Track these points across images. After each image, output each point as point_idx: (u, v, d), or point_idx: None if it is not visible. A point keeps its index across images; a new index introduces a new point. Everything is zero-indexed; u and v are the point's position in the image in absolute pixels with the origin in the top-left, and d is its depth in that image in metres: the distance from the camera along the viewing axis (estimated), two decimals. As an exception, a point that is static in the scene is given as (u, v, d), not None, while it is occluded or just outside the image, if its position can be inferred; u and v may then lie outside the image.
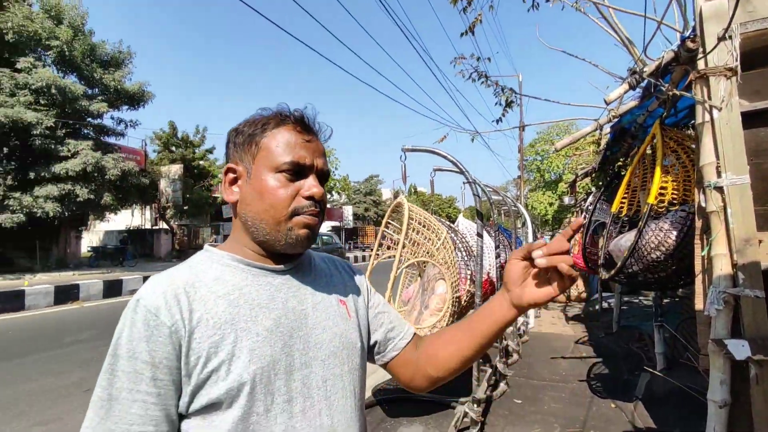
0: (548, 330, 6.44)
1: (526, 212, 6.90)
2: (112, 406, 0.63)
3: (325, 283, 0.85)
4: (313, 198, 0.76)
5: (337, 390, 0.77)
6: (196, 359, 0.66)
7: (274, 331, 0.71)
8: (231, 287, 0.72)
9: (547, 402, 3.66)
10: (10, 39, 15.18)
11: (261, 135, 0.77)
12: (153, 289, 0.68)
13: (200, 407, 0.67)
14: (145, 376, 0.64)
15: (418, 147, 3.27)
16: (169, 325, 0.66)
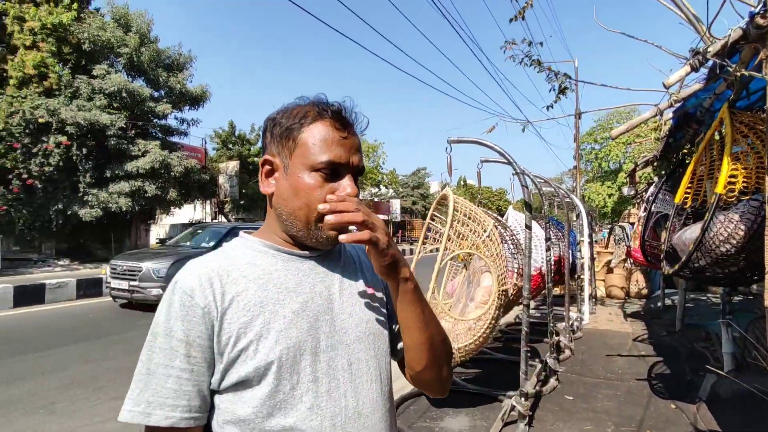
0: (604, 327, 6.17)
1: (580, 204, 6.62)
2: (150, 380, 0.68)
3: (354, 270, 0.86)
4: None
5: (362, 374, 0.78)
6: (227, 339, 0.70)
7: (300, 314, 0.74)
8: (261, 272, 0.76)
9: (600, 400, 3.54)
10: (86, 48, 16.57)
11: (299, 129, 0.77)
12: (189, 273, 0.73)
13: (231, 384, 0.70)
14: (180, 353, 0.68)
15: (463, 138, 3.25)
16: (203, 306, 0.70)
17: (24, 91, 15.31)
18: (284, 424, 0.70)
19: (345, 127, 0.78)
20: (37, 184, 15.14)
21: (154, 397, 0.67)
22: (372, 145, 35.68)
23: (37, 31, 15.64)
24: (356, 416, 0.75)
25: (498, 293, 2.90)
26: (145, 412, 0.67)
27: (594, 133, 25.56)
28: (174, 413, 0.67)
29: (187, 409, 0.69)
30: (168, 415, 0.67)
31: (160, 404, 0.67)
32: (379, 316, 0.84)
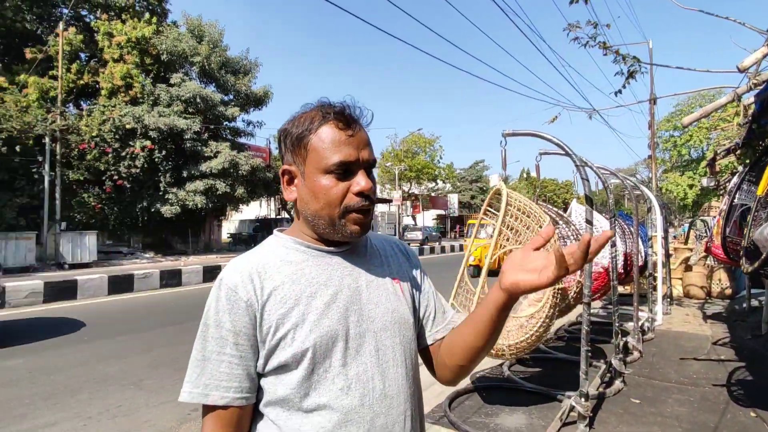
0: (680, 328, 5.74)
1: (652, 196, 6.18)
2: (206, 366, 0.77)
3: (380, 263, 0.92)
4: (362, 193, 0.81)
5: (389, 359, 0.84)
6: (267, 328, 0.78)
7: (331, 305, 0.81)
8: (295, 267, 0.83)
9: (670, 405, 3.33)
10: (164, 59, 18.00)
11: (308, 136, 0.81)
12: (233, 270, 0.81)
13: (273, 368, 0.79)
14: (229, 342, 0.77)
15: (519, 131, 3.18)
16: (245, 299, 0.78)
17: (113, 101, 16.97)
18: (318, 403, 0.77)
19: (349, 125, 0.82)
20: (126, 184, 16.77)
21: (210, 380, 0.76)
22: (428, 139, 35.43)
23: (123, 45, 17.22)
24: (383, 397, 0.81)
25: (553, 291, 2.82)
26: (204, 393, 0.76)
27: (672, 119, 23.52)
28: (228, 393, 0.76)
29: (239, 389, 0.77)
30: (223, 395, 0.76)
31: (215, 386, 0.76)
32: (403, 306, 0.89)
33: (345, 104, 0.84)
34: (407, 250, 1.02)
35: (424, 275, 1.01)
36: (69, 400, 3.69)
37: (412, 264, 1.00)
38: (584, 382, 2.91)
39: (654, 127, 15.97)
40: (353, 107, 0.85)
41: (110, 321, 6.81)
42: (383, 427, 0.80)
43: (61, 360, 4.75)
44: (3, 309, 7.57)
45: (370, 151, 0.84)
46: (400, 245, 1.02)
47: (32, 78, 15.95)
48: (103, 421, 3.32)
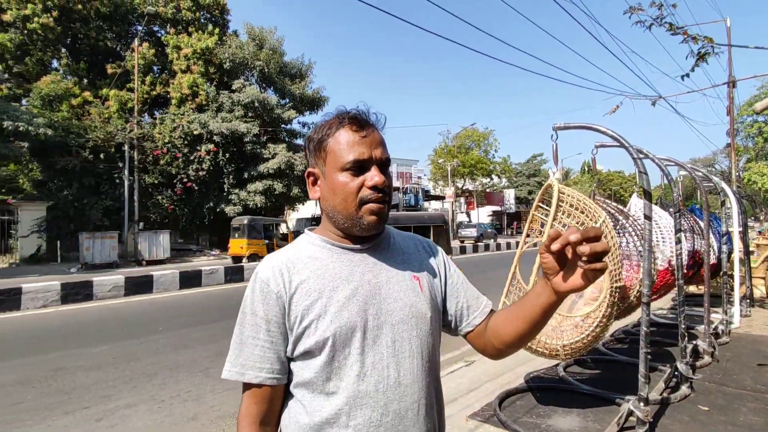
0: (760, 332, 5.24)
1: (727, 188, 5.67)
2: (243, 348, 0.88)
3: (401, 260, 0.98)
4: (376, 187, 0.87)
5: (405, 350, 0.90)
6: (294, 318, 0.87)
7: (351, 299, 0.88)
8: (320, 264, 0.91)
9: (744, 414, 3.07)
10: (227, 67, 19.05)
11: (326, 140, 0.91)
12: (266, 265, 0.91)
13: (300, 353, 0.88)
14: (263, 329, 0.87)
15: (570, 124, 3.07)
16: (276, 291, 0.87)
17: (182, 109, 18.24)
18: (338, 386, 0.85)
19: (363, 127, 0.90)
20: (194, 186, 17.98)
21: (246, 360, 0.87)
22: (482, 133, 34.61)
23: (190, 57, 18.46)
24: (396, 385, 0.87)
25: (610, 290, 2.70)
26: (240, 372, 0.87)
27: (755, 102, 21.27)
28: (261, 374, 0.87)
29: (271, 371, 0.87)
30: (257, 375, 0.86)
31: (251, 366, 0.87)
32: (422, 301, 0.95)
33: (359, 110, 0.93)
34: (431, 247, 1.08)
35: (449, 270, 1.06)
36: (146, 384, 4.07)
37: (436, 260, 1.05)
38: (643, 386, 2.77)
39: (733, 112, 14.57)
40: (366, 112, 0.93)
41: (181, 313, 7.38)
42: (396, 412, 0.87)
43: (139, 348, 5.23)
44: (92, 301, 8.46)
45: (383, 150, 0.91)
46: (424, 242, 1.08)
47: (113, 91, 17.55)
48: (175, 404, 3.63)
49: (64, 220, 15.87)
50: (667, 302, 6.96)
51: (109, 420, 3.36)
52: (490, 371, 4.10)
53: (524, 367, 4.11)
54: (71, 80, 18.15)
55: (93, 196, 16.35)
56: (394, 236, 1.03)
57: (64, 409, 3.55)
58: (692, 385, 3.52)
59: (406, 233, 1.09)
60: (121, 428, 3.24)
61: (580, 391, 3.49)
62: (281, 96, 20.54)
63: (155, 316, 7.13)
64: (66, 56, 18.77)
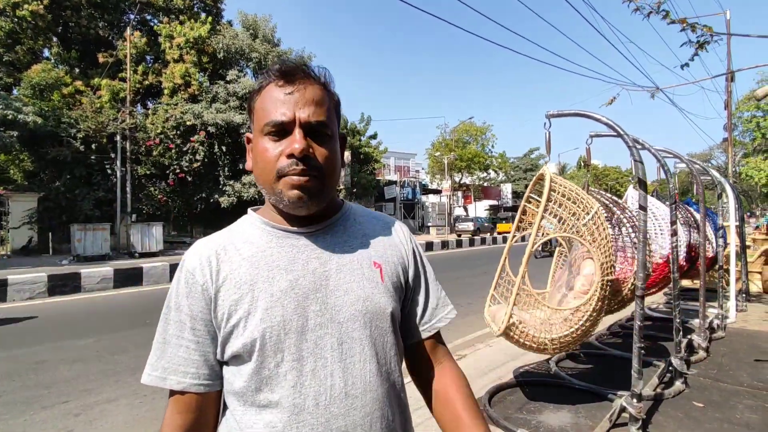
0: (756, 327, 5.19)
1: (725, 181, 5.59)
2: (166, 349, 0.74)
3: (360, 244, 0.82)
4: (293, 155, 0.72)
5: (355, 353, 0.75)
6: (221, 315, 0.73)
7: (288, 292, 0.73)
8: (256, 249, 0.77)
9: (740, 411, 3.00)
10: (221, 57, 18.81)
11: (253, 100, 0.78)
12: (193, 252, 0.78)
13: (229, 357, 0.74)
14: (187, 326, 0.74)
15: (564, 111, 2.97)
16: (201, 283, 0.74)
17: (175, 99, 18.01)
18: (271, 399, 0.71)
19: (290, 82, 0.74)
20: (188, 177, 17.80)
21: (168, 363, 0.74)
22: (480, 128, 34.45)
23: (183, 46, 18.20)
24: (343, 396, 0.73)
25: (601, 283, 2.60)
26: (161, 376, 0.73)
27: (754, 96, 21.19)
28: (185, 379, 0.73)
29: (196, 376, 0.74)
30: (180, 381, 0.73)
31: (173, 370, 0.73)
32: (380, 293, 0.79)
33: (285, 61, 0.78)
34: (401, 230, 0.92)
35: (419, 258, 0.90)
36: (129, 378, 3.96)
37: (405, 248, 0.89)
38: (637, 382, 2.69)
39: (731, 106, 14.50)
40: (298, 64, 0.77)
41: (170, 306, 7.26)
42: (341, 430, 0.72)
43: (125, 341, 5.12)
44: (80, 293, 8.34)
45: (316, 111, 0.74)
46: (392, 222, 0.92)
47: (104, 81, 17.29)
48: (157, 399, 3.53)
49: (55, 212, 15.68)
50: (662, 296, 6.90)
51: (87, 415, 3.26)
52: (480, 366, 4.02)
53: (516, 362, 4.04)
54: (62, 69, 17.87)
55: (85, 187, 16.15)
56: (355, 215, 0.88)
57: (42, 403, 3.45)
58: (687, 381, 3.45)
59: (372, 212, 0.93)
60: (99, 423, 3.14)
61: (573, 386, 3.42)
62: (277, 87, 20.35)
63: (144, 308, 7.02)
64: (57, 45, 18.46)
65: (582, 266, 2.88)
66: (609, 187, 45.80)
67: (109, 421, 3.17)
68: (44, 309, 7.04)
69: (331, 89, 0.80)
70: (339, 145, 0.81)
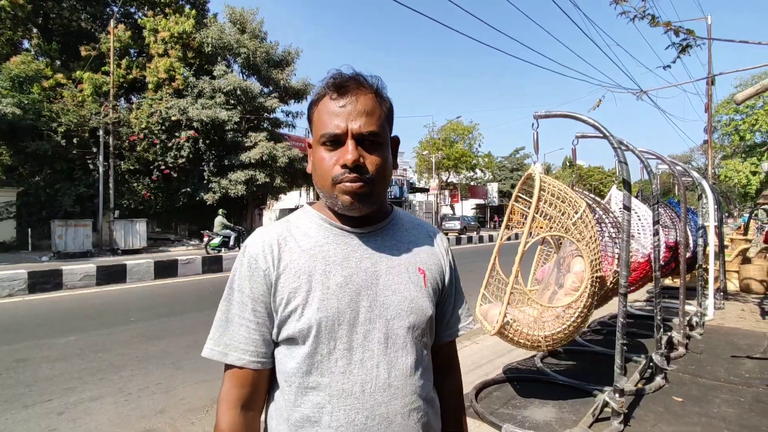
0: (733, 325, 5.35)
1: (704, 182, 5.75)
2: (228, 327, 0.81)
3: (407, 250, 0.89)
4: (346, 165, 0.78)
5: (398, 348, 0.82)
6: (280, 300, 0.80)
7: (343, 287, 0.80)
8: (313, 243, 0.83)
9: (717, 405, 3.10)
10: (208, 51, 18.54)
11: (312, 111, 0.85)
12: (256, 239, 0.84)
13: (283, 339, 0.81)
14: (248, 307, 0.81)
15: (551, 112, 3.02)
16: (264, 269, 0.80)
17: (159, 93, 17.70)
18: (320, 382, 0.78)
19: (343, 95, 0.80)
20: (173, 173, 17.53)
21: (230, 340, 0.80)
22: (467, 127, 34.67)
23: (167, 40, 17.89)
24: (386, 386, 0.79)
25: (591, 280, 2.66)
26: (223, 352, 0.80)
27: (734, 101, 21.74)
28: (245, 356, 0.80)
29: (255, 354, 0.80)
30: (240, 357, 0.80)
31: (234, 347, 0.80)
32: (423, 297, 0.86)
33: (339, 74, 0.82)
34: (443, 241, 0.99)
35: (453, 270, 0.98)
36: (113, 376, 3.91)
37: (444, 256, 0.96)
38: (619, 377, 2.76)
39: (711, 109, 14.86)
40: (350, 77, 0.82)
41: (155, 304, 7.17)
42: (383, 416, 0.79)
43: (108, 339, 5.05)
44: (61, 290, 8.17)
45: (367, 121, 0.79)
46: (436, 233, 1.00)
47: (87, 74, 16.90)
48: (143, 397, 3.49)
49: (35, 207, 15.30)
50: (643, 294, 7.06)
51: (71, 413, 3.21)
52: (468, 363, 4.07)
53: (503, 358, 4.10)
54: (43, 61, 17.43)
55: (66, 182, 15.78)
56: (403, 222, 0.95)
57: (24, 402, 3.39)
58: (667, 377, 3.55)
59: (418, 219, 1.00)
60: (83, 422, 3.09)
61: (557, 382, 3.49)
62: (264, 84, 20.08)
63: (127, 306, 6.91)
64: (37, 36, 17.99)
65: (572, 264, 2.94)
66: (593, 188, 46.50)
67: (93, 420, 3.12)
68: (24, 306, 6.89)
69: (383, 95, 0.85)
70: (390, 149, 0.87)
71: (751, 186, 21.94)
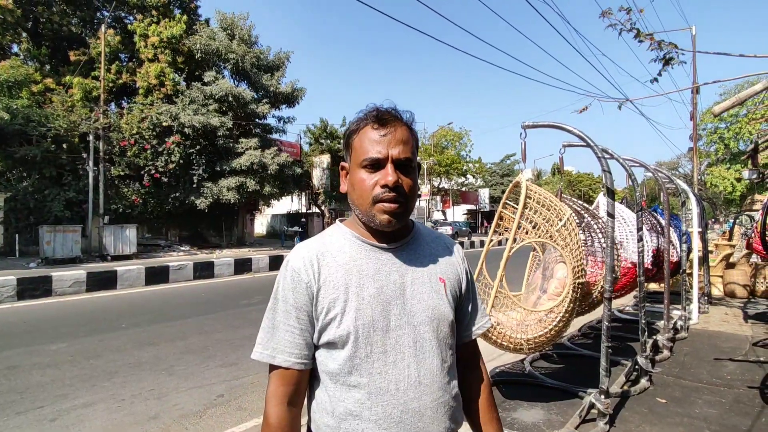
0: (717, 328, 5.48)
1: (688, 189, 5.90)
2: (275, 332, 0.93)
3: (429, 261, 1.01)
4: (387, 186, 0.90)
5: (426, 350, 0.93)
6: (321, 309, 0.91)
7: (376, 297, 0.91)
8: (348, 258, 0.95)
9: (699, 406, 3.20)
10: (198, 57, 18.53)
11: (351, 137, 0.96)
12: (297, 254, 0.95)
13: (324, 343, 0.92)
14: (292, 315, 0.92)
15: (538, 123, 3.12)
16: (306, 281, 0.92)
17: (150, 98, 17.62)
18: (360, 381, 0.90)
19: (384, 126, 0.93)
20: (163, 178, 17.42)
21: (277, 344, 0.92)
22: (457, 133, 34.96)
23: (157, 45, 17.85)
24: (417, 384, 0.91)
25: (573, 285, 2.75)
26: (272, 355, 0.91)
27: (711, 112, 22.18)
28: (291, 358, 0.91)
29: (300, 356, 0.92)
30: (287, 359, 0.91)
31: (281, 350, 0.91)
32: (444, 304, 0.98)
33: (380, 108, 0.96)
34: (458, 251, 1.11)
35: (469, 277, 1.10)
36: (105, 383, 3.91)
37: (461, 266, 1.08)
38: (604, 379, 2.84)
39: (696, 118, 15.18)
40: (389, 110, 0.95)
41: (146, 310, 7.15)
42: (415, 410, 0.91)
43: (100, 345, 5.03)
44: (51, 297, 8.09)
45: (403, 148, 0.93)
46: (453, 245, 1.11)
47: (77, 79, 16.79)
48: (136, 403, 3.51)
49: (22, 212, 15.10)
50: (631, 299, 7.19)
51: (63, 420, 3.21)
52: (458, 366, 4.13)
53: (492, 362, 4.17)
54: (32, 66, 17.27)
55: (55, 187, 15.61)
56: (423, 236, 1.06)
57: (15, 409, 3.38)
58: (651, 379, 3.65)
59: (436, 232, 1.12)
60: (76, 428, 3.10)
61: (545, 384, 3.57)
62: (255, 89, 20.08)
63: (119, 312, 6.88)
64: (27, 41, 17.84)
65: (555, 270, 3.02)
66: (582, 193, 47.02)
67: (86, 426, 3.13)
68: (14, 313, 6.82)
69: (413, 128, 0.99)
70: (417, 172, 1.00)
71: (735, 193, 22.43)
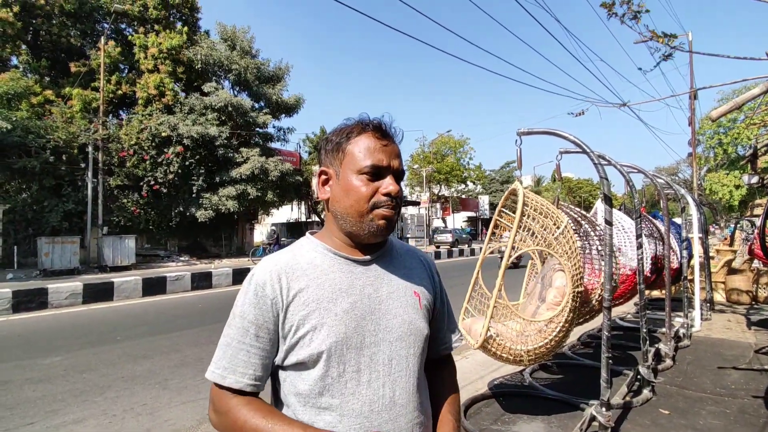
0: (719, 335, 5.40)
1: (688, 195, 5.86)
2: (227, 351, 0.86)
3: (403, 275, 0.97)
4: (390, 194, 0.88)
5: (401, 369, 0.89)
6: (289, 327, 0.85)
7: (349, 313, 0.86)
8: (320, 272, 0.89)
9: (703, 417, 3.12)
10: (198, 68, 18.64)
11: (346, 142, 0.91)
12: (263, 268, 0.89)
13: (293, 363, 0.86)
14: (251, 333, 0.85)
15: (534, 129, 3.08)
16: (271, 297, 0.86)
17: (149, 109, 17.69)
18: (331, 403, 0.84)
19: (385, 136, 0.92)
20: (162, 189, 17.43)
21: (229, 364, 0.85)
22: (458, 141, 35.03)
23: (157, 56, 17.96)
24: (391, 405, 0.87)
25: (572, 294, 2.70)
26: (222, 375, 0.85)
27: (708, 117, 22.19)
28: (242, 379, 0.84)
29: (253, 377, 0.85)
30: (238, 380, 0.84)
31: (232, 370, 0.85)
32: (420, 319, 0.94)
33: (382, 120, 0.94)
34: (431, 265, 1.09)
35: (443, 292, 1.08)
36: (97, 398, 3.84)
37: (433, 279, 1.06)
38: (605, 391, 2.77)
39: (695, 123, 15.18)
40: (389, 124, 0.94)
41: (142, 322, 7.07)
42: None
43: (94, 359, 4.96)
44: (47, 309, 8.02)
45: (401, 162, 0.93)
46: (426, 258, 1.09)
47: (76, 90, 16.88)
48: (127, 419, 3.43)
49: (21, 224, 15.09)
50: (632, 306, 7.11)
51: (53, 437, 3.14)
52: (458, 378, 4.06)
53: (492, 374, 4.10)
54: (32, 78, 17.37)
55: (53, 198, 15.61)
56: (397, 249, 1.03)
57: (5, 425, 3.30)
58: (654, 389, 3.57)
59: (408, 246, 1.09)
60: (65, 446, 3.03)
61: (546, 396, 3.49)
62: (256, 99, 20.19)
63: (114, 324, 6.81)
64: (26, 53, 17.97)
65: (554, 278, 2.97)
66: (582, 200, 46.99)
67: (76, 443, 3.06)
68: (8, 326, 6.75)
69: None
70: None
71: (734, 199, 22.37)
